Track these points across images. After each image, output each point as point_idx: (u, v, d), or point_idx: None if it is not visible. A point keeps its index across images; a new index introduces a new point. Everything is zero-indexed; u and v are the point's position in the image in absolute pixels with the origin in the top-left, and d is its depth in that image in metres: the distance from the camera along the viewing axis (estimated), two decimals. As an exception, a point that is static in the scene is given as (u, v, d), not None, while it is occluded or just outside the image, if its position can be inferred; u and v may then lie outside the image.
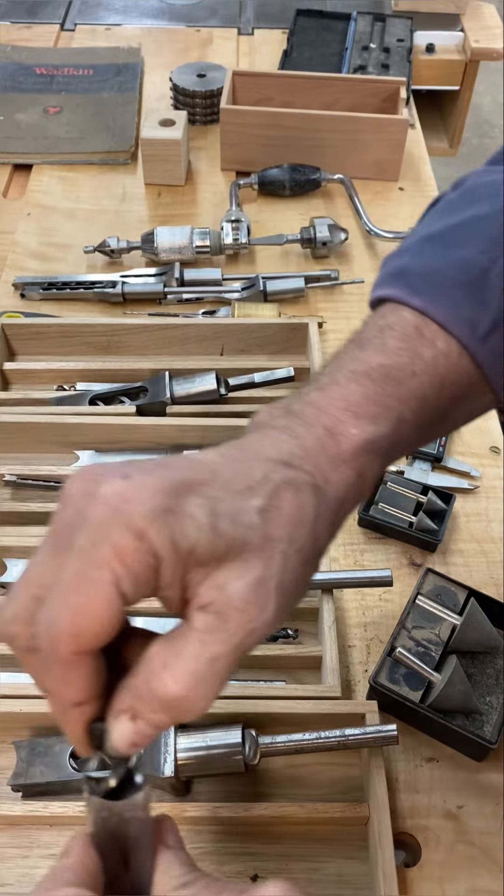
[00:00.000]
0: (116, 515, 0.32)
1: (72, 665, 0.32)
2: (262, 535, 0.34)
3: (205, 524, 0.32)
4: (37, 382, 0.80)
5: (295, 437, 0.38)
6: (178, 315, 0.87)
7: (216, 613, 0.33)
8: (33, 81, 1.19)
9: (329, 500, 0.38)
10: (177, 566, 0.32)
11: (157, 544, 0.31)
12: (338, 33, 1.29)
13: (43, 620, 0.32)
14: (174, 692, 0.32)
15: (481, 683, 0.59)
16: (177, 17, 1.39)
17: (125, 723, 0.33)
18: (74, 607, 0.31)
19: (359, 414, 0.40)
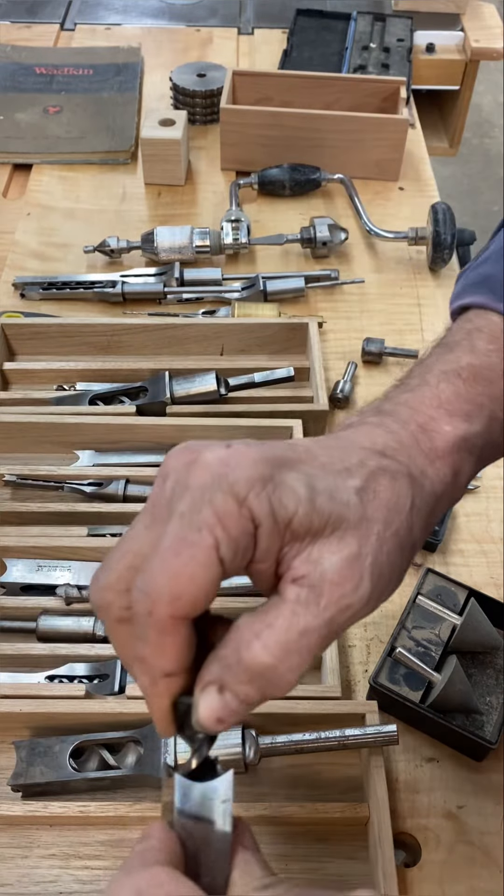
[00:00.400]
0: (218, 481, 0.32)
1: (167, 631, 0.31)
2: (358, 514, 0.34)
3: (303, 497, 0.33)
4: (37, 382, 0.80)
5: (389, 432, 0.39)
6: (178, 315, 0.87)
7: (310, 587, 0.33)
8: (33, 81, 1.19)
9: (425, 494, 0.38)
10: (273, 536, 0.32)
11: (257, 511, 0.32)
12: (338, 33, 1.29)
13: (141, 586, 0.32)
14: (263, 661, 0.32)
15: (481, 683, 0.59)
16: (177, 16, 1.39)
17: (213, 695, 0.32)
18: (175, 570, 0.31)
19: (452, 412, 0.40)
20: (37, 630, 0.61)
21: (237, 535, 0.31)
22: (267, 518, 0.32)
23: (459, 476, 0.40)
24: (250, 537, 0.32)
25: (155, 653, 0.32)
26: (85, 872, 0.52)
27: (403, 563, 0.37)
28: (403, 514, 0.36)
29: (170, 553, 0.31)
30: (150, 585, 0.31)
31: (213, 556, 0.31)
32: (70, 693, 0.56)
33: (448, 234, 0.91)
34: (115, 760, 0.55)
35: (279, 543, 0.33)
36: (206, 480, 0.32)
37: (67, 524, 0.67)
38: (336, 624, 0.33)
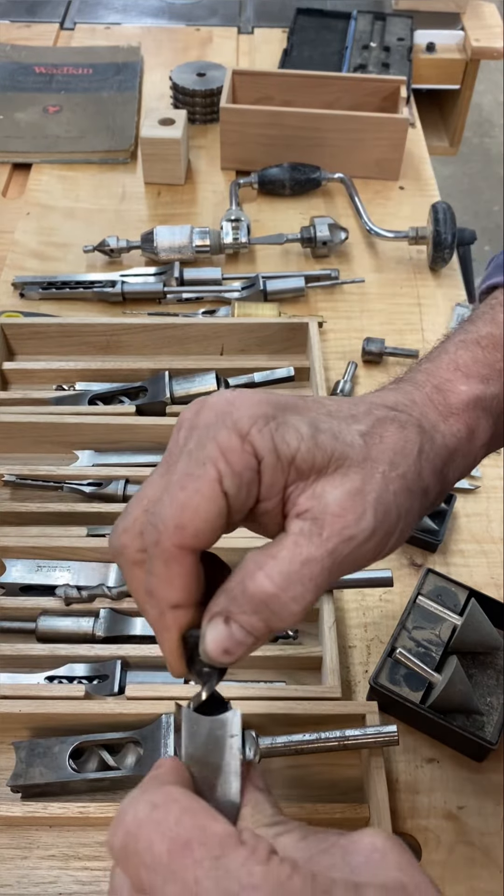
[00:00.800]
0: (223, 418, 0.34)
1: (173, 560, 0.33)
2: (362, 454, 0.35)
3: (306, 434, 0.34)
4: (36, 382, 0.80)
5: (403, 392, 0.40)
6: (178, 314, 0.87)
7: (312, 519, 0.34)
8: (33, 80, 1.19)
9: (437, 445, 0.38)
10: (276, 471, 0.33)
11: (259, 445, 0.33)
12: (338, 32, 1.29)
13: (150, 520, 0.33)
14: (266, 590, 0.33)
15: (482, 684, 0.59)
16: (176, 16, 1.39)
17: (219, 626, 0.33)
18: (180, 502, 0.32)
19: (468, 374, 0.41)
20: (36, 630, 0.61)
21: (240, 469, 0.33)
22: (269, 453, 0.33)
23: (475, 434, 0.40)
24: (254, 472, 0.33)
25: (162, 584, 0.33)
26: (84, 873, 0.52)
27: (413, 506, 0.37)
28: (411, 458, 0.36)
29: (176, 487, 0.33)
30: (158, 518, 0.33)
31: (217, 489, 0.32)
32: (69, 694, 0.56)
33: (448, 234, 0.91)
34: (115, 761, 0.55)
35: (283, 480, 0.34)
36: (211, 419, 0.34)
37: (67, 524, 0.67)
38: (339, 555, 0.34)
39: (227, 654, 0.33)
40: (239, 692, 0.57)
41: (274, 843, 0.30)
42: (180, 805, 0.29)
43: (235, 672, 0.60)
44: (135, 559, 0.35)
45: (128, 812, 0.29)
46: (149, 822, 0.29)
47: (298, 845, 0.30)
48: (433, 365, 0.42)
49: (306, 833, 0.31)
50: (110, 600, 0.63)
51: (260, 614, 0.33)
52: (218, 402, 0.35)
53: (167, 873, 0.27)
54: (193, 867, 0.27)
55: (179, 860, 0.27)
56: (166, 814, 0.29)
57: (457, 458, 0.40)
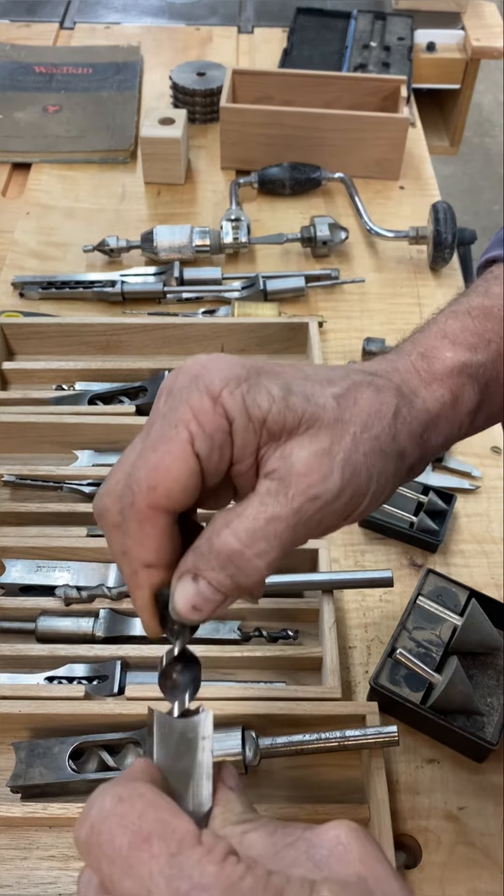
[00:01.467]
0: (195, 381, 0.34)
1: (146, 520, 0.34)
2: (334, 415, 0.35)
3: (277, 396, 0.34)
4: (36, 382, 0.80)
5: (386, 360, 0.40)
6: (178, 314, 0.87)
7: (279, 479, 0.34)
8: (32, 80, 1.19)
9: (416, 409, 0.38)
10: (248, 433, 0.34)
11: (230, 407, 0.33)
12: (338, 32, 1.29)
13: (126, 482, 0.34)
14: (232, 546, 0.33)
15: (482, 684, 0.59)
16: (176, 15, 1.39)
17: (187, 583, 0.34)
18: (152, 463, 0.33)
19: (455, 341, 0.41)
20: (36, 631, 0.61)
21: (212, 431, 0.33)
22: (240, 414, 0.34)
23: (459, 400, 0.40)
24: (226, 434, 0.34)
25: (135, 543, 0.34)
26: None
27: (388, 468, 0.37)
28: (385, 420, 0.37)
29: (149, 450, 0.34)
30: (132, 479, 0.34)
31: (189, 450, 0.33)
32: (69, 694, 0.56)
33: (449, 234, 0.91)
34: (115, 762, 0.55)
35: (255, 442, 0.34)
36: (184, 382, 0.34)
37: (66, 524, 0.67)
38: (305, 513, 0.34)
39: (195, 611, 0.34)
40: (239, 692, 0.56)
41: (241, 840, 0.30)
42: (145, 800, 0.29)
43: (235, 672, 0.60)
44: (115, 521, 0.35)
45: (94, 805, 0.30)
46: (113, 815, 0.29)
47: (265, 841, 0.30)
48: (422, 334, 0.42)
49: (274, 828, 0.31)
50: (110, 600, 0.62)
51: (226, 570, 0.34)
52: (192, 366, 0.35)
53: (125, 867, 0.28)
54: (150, 861, 0.27)
55: (137, 854, 0.28)
56: (131, 808, 0.29)
57: (440, 424, 0.40)
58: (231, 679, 0.60)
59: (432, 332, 0.42)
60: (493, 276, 0.45)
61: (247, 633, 0.62)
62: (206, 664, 0.59)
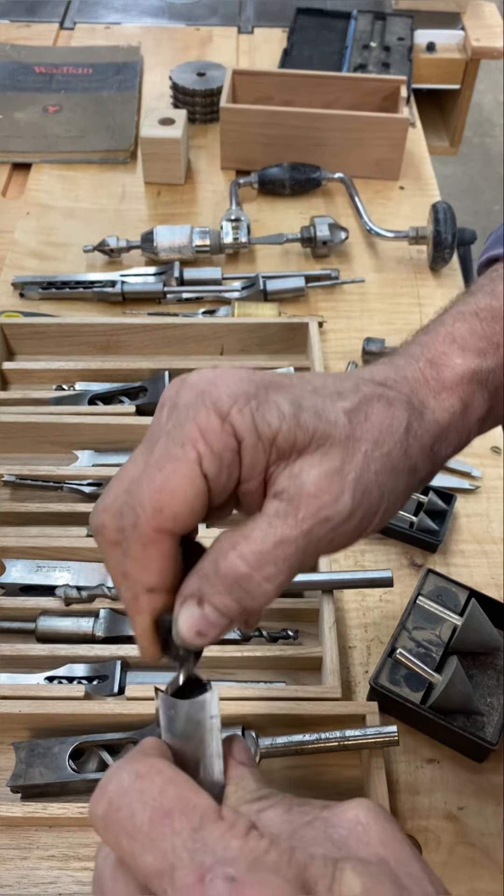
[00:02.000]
0: (202, 397, 0.33)
1: (150, 543, 0.32)
2: (345, 432, 0.34)
3: (288, 413, 0.33)
4: (36, 382, 0.80)
5: (394, 367, 0.39)
6: (178, 314, 0.87)
7: (288, 500, 0.33)
8: (32, 80, 1.19)
9: (426, 422, 0.37)
10: (257, 451, 0.33)
11: (239, 426, 0.32)
12: (338, 32, 1.29)
13: (128, 500, 0.33)
14: (239, 569, 0.32)
15: (482, 684, 0.59)
16: (176, 15, 1.39)
17: (192, 608, 0.33)
18: (158, 484, 0.32)
19: (464, 347, 0.39)
20: (36, 631, 0.61)
21: (220, 450, 0.32)
22: (250, 433, 0.32)
23: (470, 409, 0.39)
24: (234, 453, 0.32)
25: (138, 567, 0.33)
26: (84, 874, 0.52)
27: (399, 485, 0.36)
28: (397, 436, 0.36)
29: (154, 469, 0.32)
30: (136, 499, 0.32)
31: (196, 470, 0.32)
32: (69, 694, 0.56)
33: (449, 234, 0.91)
34: (115, 761, 0.55)
35: (264, 460, 0.33)
36: (191, 398, 0.33)
37: (67, 524, 0.67)
38: (315, 536, 0.33)
39: (200, 637, 0.33)
40: (239, 692, 0.57)
41: (257, 819, 0.30)
42: (164, 776, 0.29)
43: (235, 672, 0.60)
44: (113, 539, 0.34)
45: (111, 781, 0.29)
46: (132, 791, 0.28)
47: (282, 819, 0.30)
48: (429, 337, 0.41)
49: (290, 806, 0.31)
50: (110, 600, 0.62)
51: (233, 594, 0.33)
52: (198, 381, 0.34)
53: (147, 841, 0.27)
54: (172, 837, 0.27)
55: (159, 829, 0.27)
56: (150, 783, 0.29)
57: (450, 435, 0.39)
58: (231, 679, 0.60)
59: (440, 336, 0.40)
60: (499, 274, 0.43)
61: (247, 633, 0.62)
62: (206, 664, 0.59)
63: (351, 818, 0.29)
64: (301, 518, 0.33)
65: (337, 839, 0.29)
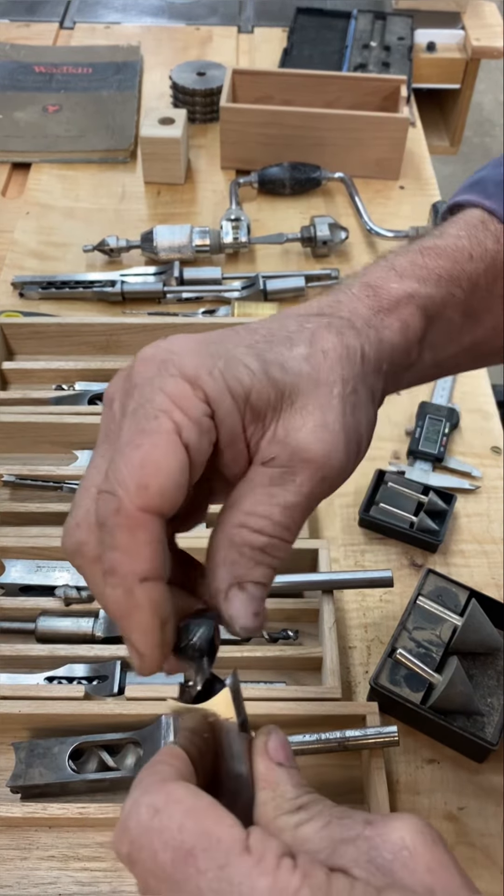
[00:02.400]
0: (165, 367, 0.31)
1: (139, 526, 0.29)
2: (312, 380, 0.33)
3: (256, 369, 0.32)
4: (35, 382, 0.80)
5: (327, 297, 0.38)
6: (178, 314, 0.87)
7: (281, 467, 0.33)
8: (32, 80, 1.19)
9: (372, 342, 0.36)
10: (234, 413, 0.31)
11: (211, 388, 0.31)
12: (338, 31, 1.28)
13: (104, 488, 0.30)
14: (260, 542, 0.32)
15: (482, 685, 0.59)
16: (176, 15, 1.39)
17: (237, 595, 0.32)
18: (137, 461, 0.29)
19: (402, 274, 0.39)
20: (36, 631, 0.61)
21: (196, 417, 0.30)
22: (223, 395, 0.31)
23: (410, 329, 0.38)
24: (209, 419, 0.31)
25: (127, 556, 0.29)
26: (84, 874, 0.52)
27: (370, 414, 0.36)
28: (357, 367, 0.35)
29: (130, 447, 0.29)
30: (114, 483, 0.29)
31: (176, 440, 0.30)
32: (69, 694, 0.56)
33: (449, 233, 0.90)
34: (115, 762, 0.55)
35: (240, 422, 0.32)
36: (151, 371, 0.31)
37: (67, 524, 0.67)
38: (316, 495, 0.34)
39: (257, 617, 0.33)
40: (239, 693, 0.56)
41: (294, 834, 0.29)
42: (183, 807, 0.27)
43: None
44: (95, 555, 0.31)
45: (130, 818, 0.28)
46: (151, 831, 0.27)
47: (321, 835, 0.28)
48: (369, 269, 0.40)
49: (330, 818, 0.29)
50: (110, 601, 0.62)
51: (265, 562, 0.33)
52: (156, 353, 0.32)
53: (171, 883, 0.26)
54: (197, 877, 0.26)
55: (183, 870, 0.26)
56: (169, 820, 0.27)
57: (395, 355, 0.38)
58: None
59: (379, 267, 0.40)
60: (451, 220, 0.43)
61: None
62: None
63: (396, 841, 0.28)
64: (300, 483, 0.33)
65: (381, 863, 0.27)
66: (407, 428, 0.78)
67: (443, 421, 0.77)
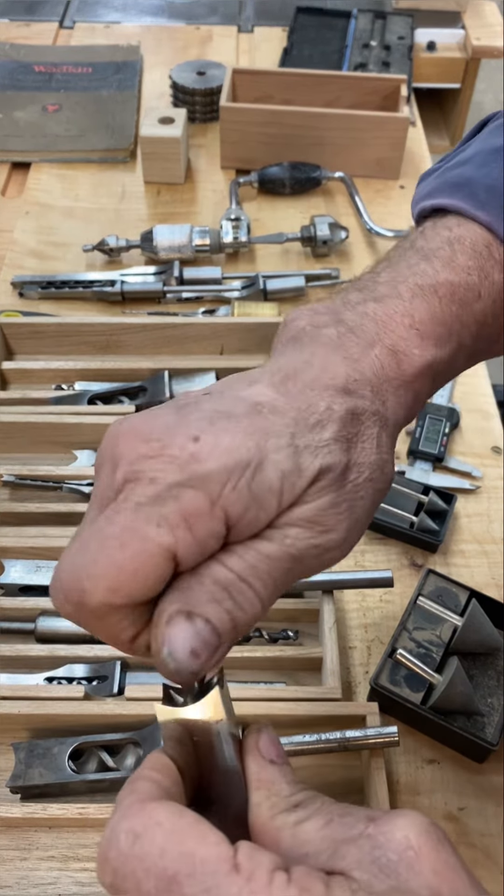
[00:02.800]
0: (188, 474, 0.29)
1: (105, 616, 0.29)
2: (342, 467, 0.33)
3: (287, 470, 0.31)
4: (35, 382, 0.80)
5: (350, 360, 0.36)
6: (178, 314, 0.87)
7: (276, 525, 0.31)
8: (32, 79, 1.19)
9: (390, 427, 0.37)
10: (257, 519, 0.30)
11: (233, 509, 0.29)
12: (338, 31, 1.28)
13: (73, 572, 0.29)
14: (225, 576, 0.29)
15: (482, 685, 0.59)
16: (176, 14, 1.39)
17: (181, 623, 0.28)
18: (117, 562, 0.28)
19: (424, 334, 0.38)
20: (35, 631, 0.61)
21: (203, 538, 0.29)
22: (247, 509, 0.29)
23: (419, 401, 0.39)
24: (220, 539, 0.29)
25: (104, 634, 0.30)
26: (84, 874, 0.52)
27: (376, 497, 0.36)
28: (372, 455, 0.35)
29: (114, 543, 0.28)
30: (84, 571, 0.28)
31: (168, 556, 0.28)
32: (69, 694, 0.56)
33: (449, 233, 0.90)
34: (115, 762, 0.55)
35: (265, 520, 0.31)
36: (172, 475, 0.29)
37: (66, 524, 0.67)
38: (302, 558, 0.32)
39: (194, 657, 0.28)
40: (239, 693, 0.56)
41: (294, 834, 0.28)
42: (164, 830, 0.26)
43: (235, 672, 0.60)
44: None
45: (111, 847, 0.27)
46: (132, 859, 0.26)
47: (322, 834, 0.27)
48: (386, 312, 0.38)
49: (330, 816, 0.28)
50: (110, 601, 0.62)
51: (223, 604, 0.29)
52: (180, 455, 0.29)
53: None
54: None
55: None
56: (150, 845, 0.26)
57: (401, 425, 0.39)
58: (231, 679, 0.60)
59: (398, 315, 0.38)
60: (456, 237, 0.40)
61: (246, 634, 0.62)
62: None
63: (401, 840, 0.26)
64: (290, 543, 0.31)
65: (384, 864, 0.26)
66: (407, 428, 0.78)
67: (443, 421, 0.77)
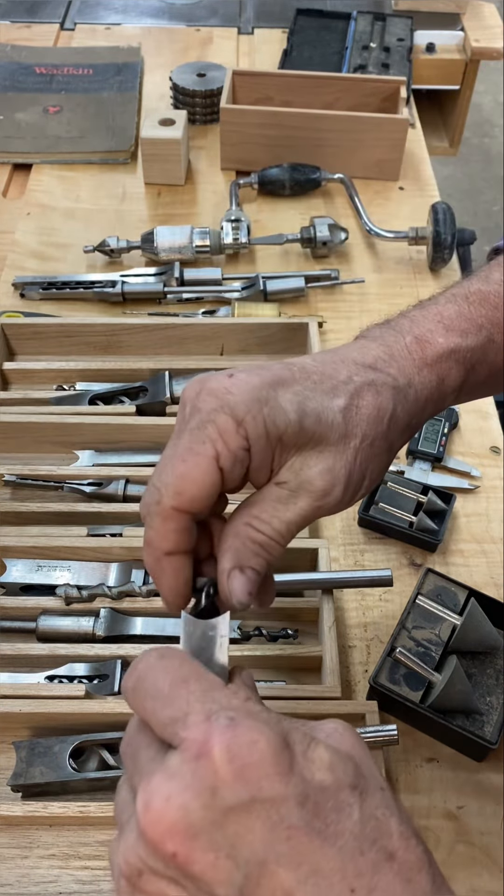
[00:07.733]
0: (221, 404, 0.39)
1: (169, 518, 0.39)
2: (339, 431, 0.41)
3: (293, 420, 0.40)
4: (36, 382, 0.80)
5: (384, 345, 0.44)
6: (178, 315, 0.87)
7: (289, 490, 0.41)
8: (33, 81, 1.19)
9: (409, 402, 0.43)
10: (266, 449, 0.40)
11: (252, 431, 0.39)
12: (338, 33, 1.29)
13: (154, 482, 0.39)
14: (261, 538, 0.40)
15: (481, 683, 0.59)
16: (177, 16, 1.39)
17: (238, 576, 0.40)
18: (180, 472, 0.38)
19: (449, 327, 0.45)
20: (36, 630, 0.61)
21: (235, 449, 0.38)
22: (261, 435, 0.39)
23: (444, 383, 0.45)
24: (246, 452, 0.39)
25: (158, 535, 0.39)
26: (85, 873, 0.52)
27: (380, 464, 0.43)
28: (381, 426, 0.42)
29: (178, 459, 0.39)
30: (160, 482, 0.39)
31: (214, 465, 0.38)
32: (70, 693, 0.56)
33: (448, 234, 0.91)
34: (115, 761, 0.55)
35: (270, 455, 0.40)
36: (212, 405, 0.39)
37: (67, 524, 0.67)
38: (310, 517, 0.41)
39: (250, 595, 0.40)
40: (239, 692, 0.57)
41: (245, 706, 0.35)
42: (182, 657, 0.36)
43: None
44: None
45: (140, 661, 0.36)
46: (157, 666, 0.35)
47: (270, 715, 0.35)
48: (420, 314, 0.46)
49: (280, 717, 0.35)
50: (110, 600, 0.63)
51: (261, 556, 0.40)
52: (217, 388, 0.40)
53: (166, 700, 0.33)
54: (187, 695, 0.33)
55: (177, 690, 0.34)
56: (171, 661, 0.35)
57: (427, 407, 0.45)
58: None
59: (430, 314, 0.46)
60: (496, 262, 0.48)
61: (247, 633, 0.62)
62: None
63: (330, 727, 0.35)
64: (300, 506, 0.41)
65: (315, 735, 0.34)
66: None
67: (442, 421, 0.77)
